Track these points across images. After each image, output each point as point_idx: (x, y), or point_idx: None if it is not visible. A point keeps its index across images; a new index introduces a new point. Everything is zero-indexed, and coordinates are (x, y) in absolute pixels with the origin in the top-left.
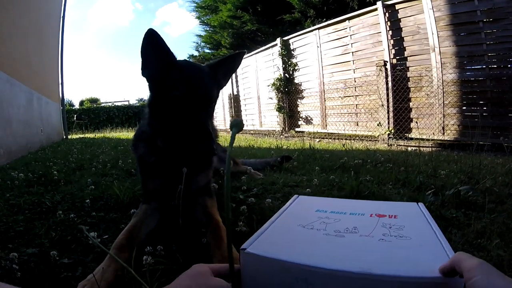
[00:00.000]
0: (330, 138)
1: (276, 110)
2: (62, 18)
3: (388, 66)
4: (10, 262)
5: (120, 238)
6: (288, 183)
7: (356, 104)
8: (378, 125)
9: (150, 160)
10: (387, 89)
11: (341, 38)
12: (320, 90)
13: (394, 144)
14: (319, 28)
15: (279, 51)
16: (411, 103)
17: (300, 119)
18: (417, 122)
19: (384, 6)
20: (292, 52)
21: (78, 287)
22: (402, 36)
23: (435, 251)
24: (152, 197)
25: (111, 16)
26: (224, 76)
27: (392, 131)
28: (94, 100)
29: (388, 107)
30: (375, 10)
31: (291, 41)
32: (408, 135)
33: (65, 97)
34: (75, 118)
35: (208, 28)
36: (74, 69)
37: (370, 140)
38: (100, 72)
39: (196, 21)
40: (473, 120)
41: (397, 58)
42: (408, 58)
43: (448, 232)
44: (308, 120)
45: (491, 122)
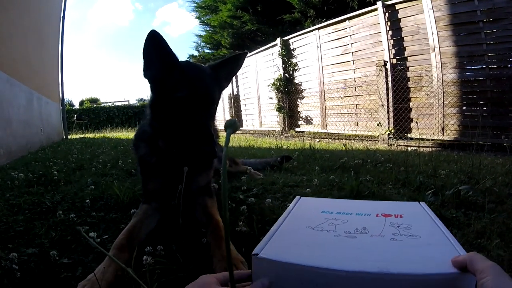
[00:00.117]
0: (330, 138)
1: (276, 110)
2: (62, 18)
3: (388, 66)
4: (10, 262)
5: (120, 238)
6: (288, 183)
7: (356, 104)
8: (378, 125)
9: (152, 160)
10: (387, 89)
11: (341, 38)
12: (320, 90)
13: (394, 144)
14: (319, 28)
15: (279, 51)
16: (411, 103)
17: (300, 119)
18: (417, 122)
19: (384, 6)
20: (292, 52)
21: (78, 287)
22: (402, 36)
23: (445, 248)
24: (152, 197)
25: (111, 16)
26: (226, 77)
27: (392, 131)
28: (94, 100)
29: (388, 107)
30: (375, 10)
31: (291, 41)
32: (408, 135)
33: (65, 97)
34: (75, 118)
35: (208, 28)
36: (74, 69)
37: (370, 140)
38: (100, 72)
39: (196, 21)
40: (473, 120)
41: (397, 58)
42: (408, 58)
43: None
44: (308, 120)
45: (491, 122)
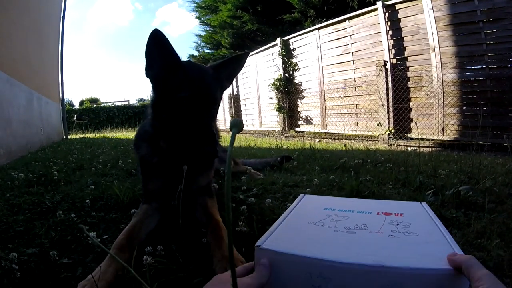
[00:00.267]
0: (330, 138)
1: (276, 110)
2: (62, 18)
3: (388, 66)
4: (10, 262)
5: (120, 238)
6: (288, 183)
7: (356, 104)
8: (378, 125)
9: (153, 160)
10: (387, 89)
11: (341, 38)
12: (320, 90)
13: (394, 144)
14: (319, 28)
15: (279, 51)
16: (411, 103)
17: (300, 119)
18: (417, 122)
19: (384, 6)
20: (292, 52)
21: (78, 287)
22: (402, 36)
23: (442, 246)
24: (153, 197)
25: (111, 16)
26: (227, 77)
27: (392, 131)
28: (94, 100)
29: (388, 107)
30: (375, 10)
31: (291, 41)
32: (408, 135)
33: (65, 97)
34: (75, 118)
35: (208, 28)
36: (74, 69)
37: (370, 140)
38: (100, 72)
39: (196, 21)
40: (473, 120)
41: (397, 58)
42: (408, 58)
43: (448, 232)
44: (308, 120)
45: (491, 122)
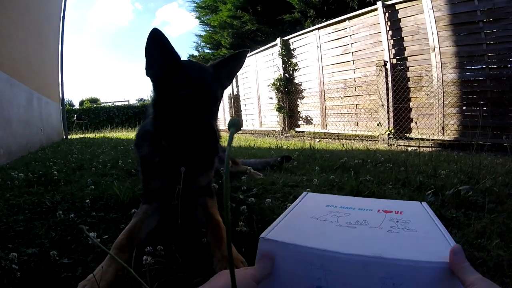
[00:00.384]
0: (330, 138)
1: (276, 110)
2: (62, 18)
3: (388, 66)
4: (10, 262)
5: (120, 238)
6: (288, 183)
7: (356, 104)
8: (378, 125)
9: (154, 160)
10: (387, 89)
11: (341, 38)
12: (320, 90)
13: (394, 144)
14: (319, 28)
15: (279, 51)
16: (411, 103)
17: (300, 119)
18: (417, 122)
19: (384, 6)
20: (292, 52)
21: (78, 287)
22: (402, 36)
23: (438, 242)
24: (153, 197)
25: (111, 16)
26: (228, 76)
27: (392, 131)
28: (94, 100)
29: (388, 107)
30: (375, 10)
31: (291, 41)
32: (408, 135)
33: (65, 97)
34: (75, 118)
35: (208, 28)
36: (74, 69)
37: (370, 140)
38: (100, 72)
39: (196, 21)
40: (473, 120)
41: (397, 58)
42: (408, 58)
43: (448, 232)
44: (308, 120)
45: (491, 122)
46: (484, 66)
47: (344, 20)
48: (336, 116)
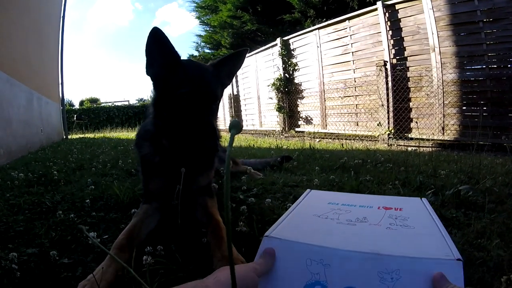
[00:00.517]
0: (330, 138)
1: (276, 110)
2: (62, 18)
3: (388, 66)
4: (10, 262)
5: (120, 238)
6: (288, 183)
7: (356, 104)
8: (378, 125)
9: (155, 160)
10: (387, 89)
11: (341, 38)
12: (320, 90)
13: (394, 144)
14: (319, 28)
15: (279, 51)
16: (411, 103)
17: (300, 119)
18: (417, 122)
19: (384, 6)
20: (292, 52)
21: (78, 287)
22: (402, 36)
23: (435, 238)
24: (153, 197)
25: (111, 16)
26: (228, 75)
27: (392, 131)
28: (94, 100)
29: (388, 107)
30: (375, 10)
31: (291, 41)
32: (408, 135)
33: (65, 97)
34: (75, 118)
35: (208, 28)
36: (74, 69)
37: (370, 140)
38: (100, 72)
39: (196, 21)
40: (473, 120)
41: (397, 58)
42: (408, 58)
43: (448, 232)
44: (308, 120)
45: (491, 122)
46: (484, 66)
47: (344, 20)
48: (336, 116)
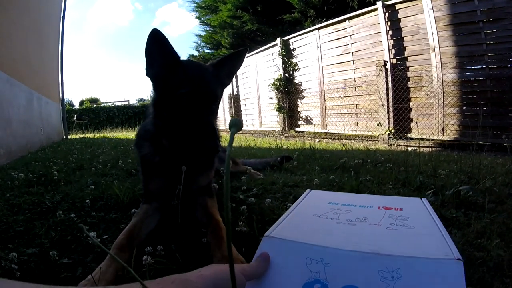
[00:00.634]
0: (330, 138)
1: (276, 110)
2: (62, 18)
3: (388, 66)
4: (10, 262)
5: (120, 238)
6: (288, 183)
7: (356, 104)
8: (378, 125)
9: (155, 160)
10: (387, 89)
11: (341, 38)
12: (320, 90)
13: (394, 144)
14: (319, 28)
15: (279, 51)
16: (411, 103)
17: (300, 119)
18: (417, 122)
19: (384, 6)
20: (292, 52)
21: (78, 287)
22: (402, 36)
23: (435, 238)
24: (153, 197)
25: (111, 16)
26: (228, 74)
27: (392, 131)
28: (94, 100)
29: (388, 107)
30: (375, 10)
31: (291, 41)
32: (408, 135)
33: (65, 97)
34: (75, 118)
35: (208, 28)
36: (74, 69)
37: (370, 140)
38: (100, 72)
39: (196, 21)
40: (473, 120)
41: (397, 58)
42: (408, 58)
43: (448, 232)
44: (308, 120)
45: (491, 122)
46: (484, 66)
47: (344, 20)
48: (336, 116)
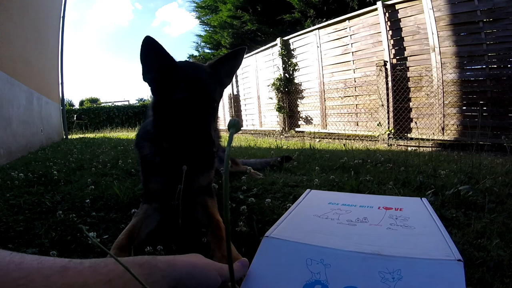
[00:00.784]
0: (330, 138)
1: (276, 110)
2: (62, 18)
3: (388, 66)
4: None
5: (120, 238)
6: (288, 183)
7: (356, 104)
8: (378, 125)
9: (156, 160)
10: (387, 89)
11: (341, 38)
12: (320, 90)
13: (394, 144)
14: (319, 28)
15: (279, 51)
16: (411, 103)
17: (300, 119)
18: (417, 122)
19: (384, 6)
20: (292, 52)
21: None
22: (402, 36)
23: (435, 238)
24: (153, 197)
25: (110, 16)
26: (227, 74)
27: (392, 131)
28: (94, 100)
29: (388, 107)
30: (375, 10)
31: (291, 41)
32: (408, 135)
33: (65, 97)
34: (75, 118)
35: (208, 28)
36: (74, 69)
37: (370, 140)
38: (100, 72)
39: (196, 21)
40: (473, 120)
41: (397, 58)
42: (408, 58)
43: (448, 232)
44: (308, 120)
45: (491, 122)
46: (484, 66)
47: (344, 20)
48: (336, 116)
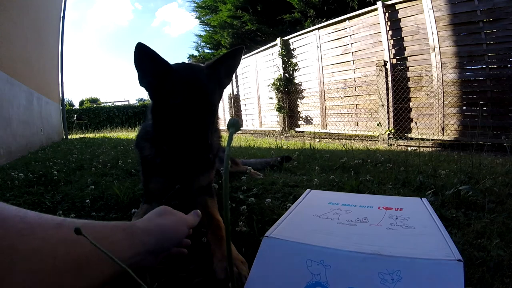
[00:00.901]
0: (330, 138)
1: (276, 110)
2: (62, 18)
3: (388, 66)
4: None
5: None
6: (288, 183)
7: (356, 104)
8: (378, 125)
9: (156, 160)
10: (387, 89)
11: (341, 38)
12: (320, 90)
13: (394, 144)
14: (319, 28)
15: (279, 51)
16: (411, 103)
17: (300, 119)
18: (417, 122)
19: (384, 6)
20: (292, 52)
21: None
22: (402, 36)
23: (435, 238)
24: (154, 197)
25: (110, 16)
26: (226, 74)
27: (392, 131)
28: (94, 100)
29: (388, 107)
30: (375, 10)
31: (291, 41)
32: (408, 135)
33: (65, 97)
34: (75, 118)
35: (208, 28)
36: (74, 69)
37: (370, 140)
38: (100, 72)
39: (196, 21)
40: (473, 120)
41: (397, 58)
42: (408, 58)
43: (448, 232)
44: (308, 120)
45: (491, 122)
46: (484, 66)
47: (344, 20)
48: (336, 116)
